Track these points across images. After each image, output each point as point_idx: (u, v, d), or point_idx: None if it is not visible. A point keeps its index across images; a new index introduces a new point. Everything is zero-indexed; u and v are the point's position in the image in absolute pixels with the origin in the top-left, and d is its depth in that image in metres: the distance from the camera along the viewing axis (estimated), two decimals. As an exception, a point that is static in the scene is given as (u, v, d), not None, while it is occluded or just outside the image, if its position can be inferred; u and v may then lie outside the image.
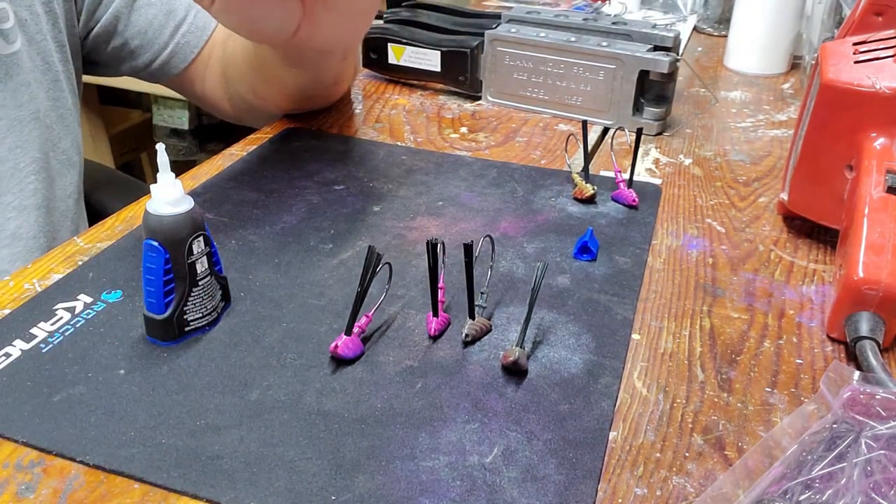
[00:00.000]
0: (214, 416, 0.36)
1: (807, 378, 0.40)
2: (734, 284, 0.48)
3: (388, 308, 0.44)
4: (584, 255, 0.49)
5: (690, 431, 0.36)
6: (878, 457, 0.29)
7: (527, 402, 0.37)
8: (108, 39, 0.70)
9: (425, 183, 0.59)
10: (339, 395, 0.37)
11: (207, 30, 0.71)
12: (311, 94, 0.68)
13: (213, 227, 0.51)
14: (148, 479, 0.33)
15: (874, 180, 0.45)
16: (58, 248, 0.49)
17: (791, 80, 0.87)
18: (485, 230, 0.52)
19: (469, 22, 0.78)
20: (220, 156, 0.63)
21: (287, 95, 0.67)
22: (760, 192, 0.60)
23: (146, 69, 0.72)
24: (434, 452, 0.34)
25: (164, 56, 0.71)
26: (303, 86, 0.65)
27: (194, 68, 0.72)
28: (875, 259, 0.41)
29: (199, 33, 0.71)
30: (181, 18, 0.70)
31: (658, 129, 0.70)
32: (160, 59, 0.71)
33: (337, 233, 0.52)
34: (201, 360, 0.39)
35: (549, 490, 0.32)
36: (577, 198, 0.56)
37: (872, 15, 0.56)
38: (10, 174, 0.60)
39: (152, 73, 0.72)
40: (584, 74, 0.70)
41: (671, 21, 1.08)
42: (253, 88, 0.68)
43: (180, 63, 0.71)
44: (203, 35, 0.71)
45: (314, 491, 0.32)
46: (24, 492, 0.32)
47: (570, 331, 0.42)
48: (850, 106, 0.47)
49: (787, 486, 0.30)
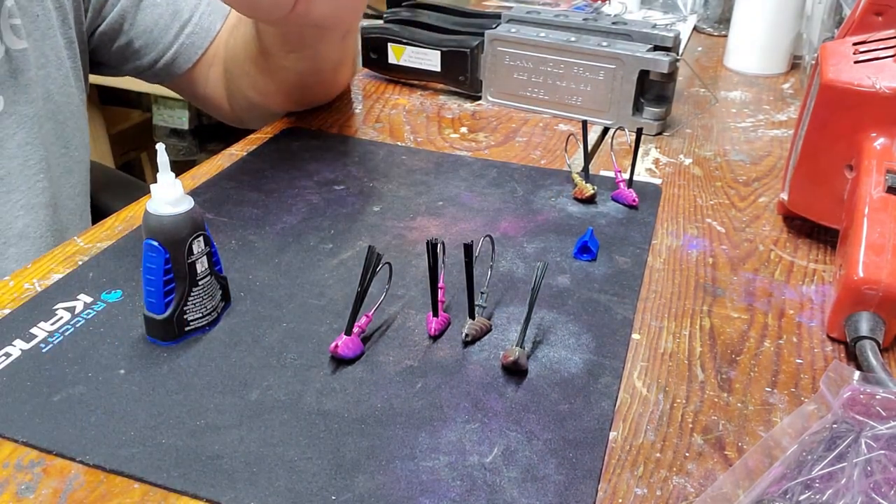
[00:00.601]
0: (214, 416, 0.36)
1: (807, 378, 0.40)
2: (734, 284, 0.48)
3: (388, 308, 0.44)
4: (584, 255, 0.49)
5: (690, 431, 0.36)
6: (878, 457, 0.29)
7: (527, 402, 0.37)
8: (113, 38, 0.70)
9: (425, 183, 0.59)
10: (339, 395, 0.37)
11: (212, 31, 0.71)
12: (311, 85, 0.68)
13: (213, 227, 0.51)
14: (148, 479, 0.33)
15: (874, 180, 0.45)
16: (58, 247, 0.49)
17: (791, 80, 0.87)
18: (485, 230, 0.52)
19: (469, 22, 0.78)
20: (220, 156, 0.63)
21: (287, 88, 0.67)
22: (760, 192, 0.60)
23: (150, 69, 0.72)
24: (434, 452, 0.34)
25: (169, 56, 0.71)
26: (303, 74, 0.65)
27: (198, 70, 0.72)
28: (875, 259, 0.41)
29: (203, 34, 0.71)
30: (186, 19, 0.70)
31: (658, 129, 0.70)
32: (164, 60, 0.71)
33: (337, 233, 0.52)
34: (201, 360, 0.39)
35: (549, 490, 0.32)
36: (577, 198, 0.56)
37: (872, 15, 0.56)
38: (18, 171, 0.60)
39: (156, 73, 0.72)
40: (584, 74, 0.70)
41: (671, 21, 1.08)
42: (254, 83, 0.68)
43: (184, 64, 0.71)
44: (208, 36, 0.71)
45: (314, 491, 0.32)
46: (24, 492, 0.32)
47: (570, 331, 0.42)
48: (850, 106, 0.47)
49: (787, 486, 0.30)
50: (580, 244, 0.49)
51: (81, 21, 0.67)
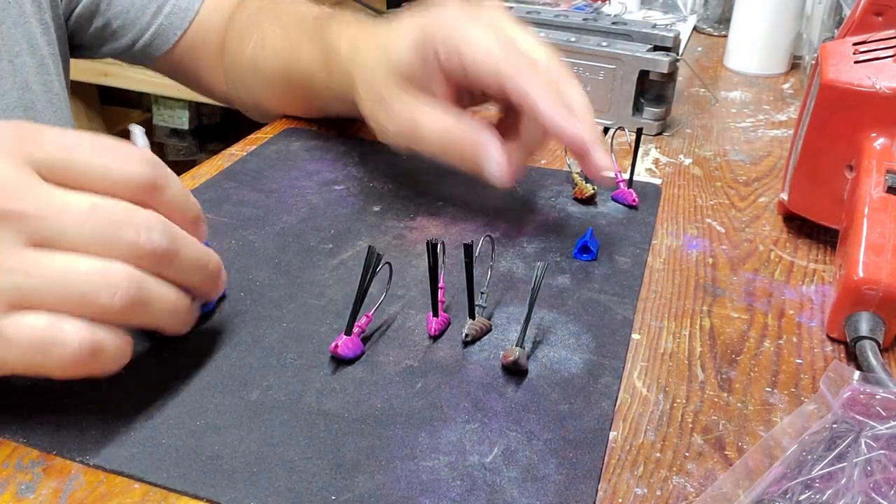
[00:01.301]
0: (214, 416, 0.36)
1: (807, 378, 0.40)
2: (734, 284, 0.48)
3: (388, 308, 0.44)
4: (584, 255, 0.49)
5: (690, 431, 0.36)
6: (878, 457, 0.29)
7: (527, 402, 0.37)
8: (90, 19, 0.68)
9: (425, 183, 0.59)
10: (339, 395, 0.37)
11: (191, 11, 0.70)
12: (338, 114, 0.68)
13: (213, 226, 0.51)
14: (148, 479, 0.33)
15: (874, 180, 0.45)
16: (58, 248, 0.49)
17: (791, 80, 0.87)
18: (485, 230, 0.52)
19: (469, 22, 0.78)
20: (220, 156, 0.63)
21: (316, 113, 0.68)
22: (760, 192, 0.60)
23: (128, 51, 0.70)
24: (434, 452, 0.34)
25: (147, 38, 0.69)
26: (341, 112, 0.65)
27: (179, 51, 0.71)
28: (875, 259, 0.41)
29: (182, 14, 0.69)
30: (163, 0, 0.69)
31: (658, 129, 0.70)
32: (142, 41, 0.69)
33: (337, 233, 0.52)
34: (201, 360, 0.39)
35: (549, 490, 0.32)
36: (577, 198, 0.56)
37: (872, 15, 0.56)
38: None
39: (134, 55, 0.71)
40: (584, 74, 0.70)
41: (671, 21, 1.08)
42: (278, 105, 0.68)
43: (163, 45, 0.70)
44: (186, 16, 0.69)
45: (314, 491, 0.32)
46: (24, 492, 0.32)
47: (570, 331, 0.42)
48: (850, 106, 0.47)
49: (787, 486, 0.30)
50: (580, 244, 0.49)
51: (57, 3, 0.65)
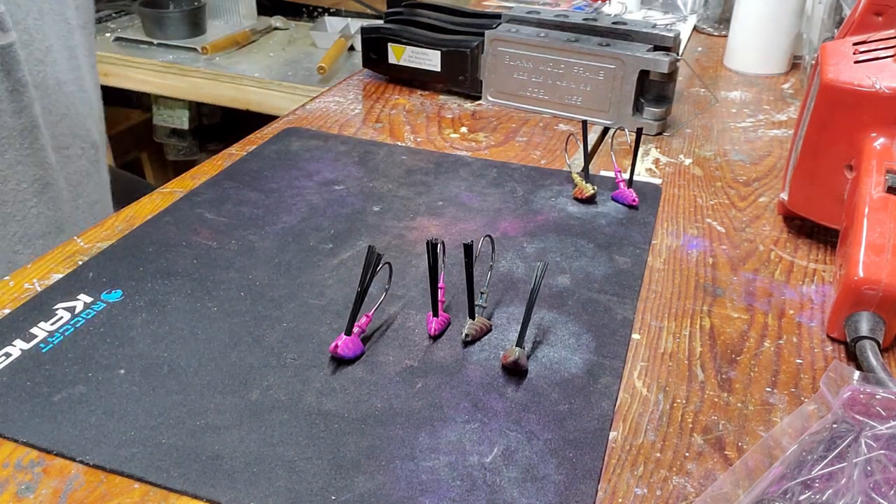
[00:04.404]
0: (214, 416, 0.36)
1: (807, 378, 0.40)
2: (734, 284, 0.47)
3: (388, 308, 0.44)
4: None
5: (690, 431, 0.36)
6: (878, 457, 0.29)
7: (527, 402, 0.37)
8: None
9: (425, 183, 0.59)
10: (339, 395, 0.37)
11: None
12: None
13: (213, 227, 0.51)
14: (148, 479, 0.33)
15: (874, 180, 0.45)
16: (58, 247, 0.49)
17: (791, 80, 0.87)
18: (485, 230, 0.52)
19: (469, 22, 0.78)
20: (220, 156, 0.63)
21: None
22: (760, 192, 0.60)
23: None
24: (434, 452, 0.34)
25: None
26: None
27: None
28: (875, 259, 0.41)
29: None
30: None
31: (658, 129, 0.70)
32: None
33: (337, 233, 0.52)
34: (201, 360, 0.39)
35: (549, 490, 0.32)
36: (577, 198, 0.56)
37: (872, 15, 0.56)
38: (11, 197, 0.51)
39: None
40: (584, 74, 0.70)
41: (671, 21, 1.08)
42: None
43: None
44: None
45: (314, 491, 0.32)
46: (24, 492, 0.32)
47: (570, 331, 0.42)
48: (850, 106, 0.47)
49: (787, 486, 0.30)
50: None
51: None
